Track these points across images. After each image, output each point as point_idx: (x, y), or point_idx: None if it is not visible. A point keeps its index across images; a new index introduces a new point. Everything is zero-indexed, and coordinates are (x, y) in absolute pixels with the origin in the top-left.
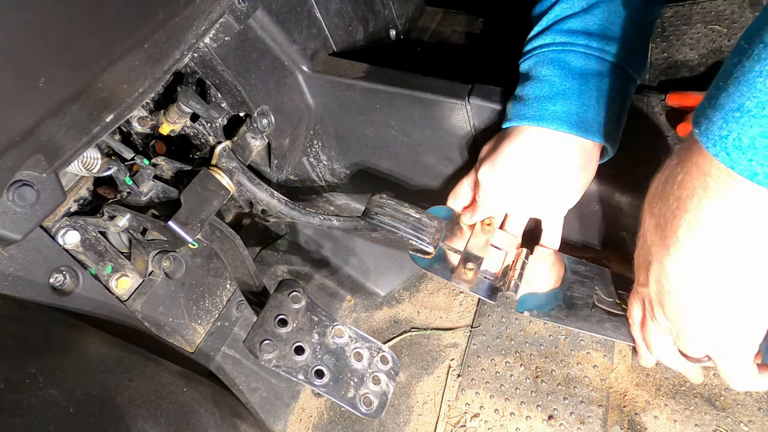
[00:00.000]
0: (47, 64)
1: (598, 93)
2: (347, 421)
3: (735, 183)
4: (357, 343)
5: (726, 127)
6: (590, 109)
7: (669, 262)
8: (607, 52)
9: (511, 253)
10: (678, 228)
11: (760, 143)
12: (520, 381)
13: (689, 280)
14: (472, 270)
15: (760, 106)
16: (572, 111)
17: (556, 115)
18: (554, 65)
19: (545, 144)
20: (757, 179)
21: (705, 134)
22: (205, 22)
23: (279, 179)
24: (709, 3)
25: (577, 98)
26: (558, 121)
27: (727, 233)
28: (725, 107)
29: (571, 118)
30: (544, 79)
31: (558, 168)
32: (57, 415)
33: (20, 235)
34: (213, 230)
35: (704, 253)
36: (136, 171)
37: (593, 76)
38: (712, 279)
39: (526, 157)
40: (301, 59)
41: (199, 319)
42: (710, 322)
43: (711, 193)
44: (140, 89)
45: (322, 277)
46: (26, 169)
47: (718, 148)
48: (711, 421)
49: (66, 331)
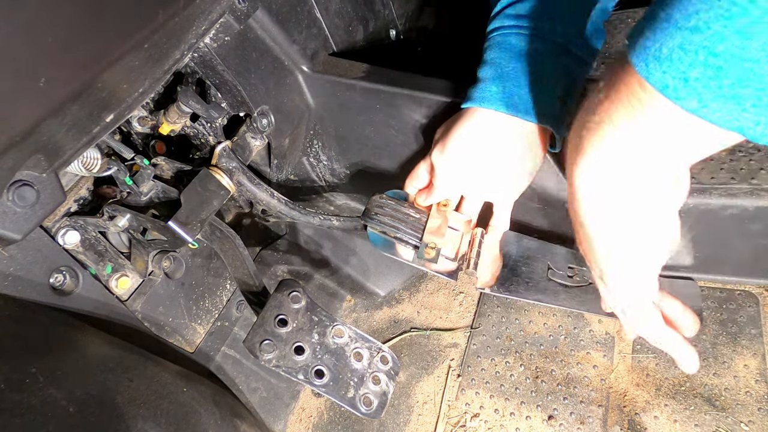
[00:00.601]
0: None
1: (542, 74)
2: (347, 421)
3: (651, 99)
4: (357, 343)
5: (652, 38)
6: (532, 90)
7: (576, 176)
8: (554, 33)
9: (467, 233)
10: (590, 140)
11: (676, 55)
12: (520, 381)
13: (590, 193)
14: (433, 249)
15: (686, 18)
16: (513, 92)
17: (498, 96)
18: (500, 48)
19: (489, 126)
20: (667, 92)
21: (632, 46)
22: (205, 22)
23: (279, 179)
24: None
25: (518, 80)
26: (498, 103)
27: (632, 149)
28: (656, 18)
29: (512, 99)
30: (491, 62)
31: (501, 150)
32: (57, 415)
33: (20, 235)
34: (213, 230)
35: (607, 165)
36: (136, 171)
37: (537, 57)
38: (609, 196)
39: (472, 139)
40: (301, 59)
41: (199, 319)
42: (608, 242)
43: (628, 107)
44: (140, 89)
45: (322, 277)
46: (26, 169)
47: (640, 59)
48: (711, 421)
49: (66, 331)
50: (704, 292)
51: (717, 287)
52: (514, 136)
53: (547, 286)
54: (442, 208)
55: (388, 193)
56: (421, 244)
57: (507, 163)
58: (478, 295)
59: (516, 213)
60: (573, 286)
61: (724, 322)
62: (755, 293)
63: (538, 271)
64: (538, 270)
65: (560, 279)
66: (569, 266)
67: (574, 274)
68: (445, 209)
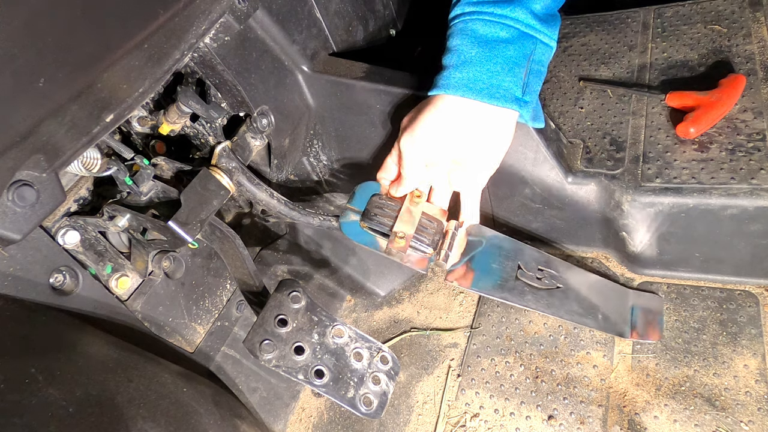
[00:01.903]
0: (47, 64)
1: (504, 59)
2: (347, 421)
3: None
4: (357, 343)
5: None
6: (495, 75)
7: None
8: (513, 19)
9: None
10: None
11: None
12: (520, 381)
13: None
14: (402, 239)
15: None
16: (476, 78)
17: (462, 82)
18: (462, 35)
19: (454, 111)
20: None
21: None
22: (205, 22)
23: (279, 179)
24: (709, 3)
25: (481, 65)
26: (463, 88)
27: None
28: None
29: (476, 84)
30: (454, 49)
31: (467, 134)
32: (57, 415)
33: (20, 235)
34: (213, 230)
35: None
36: (136, 171)
37: (498, 42)
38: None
39: (438, 124)
40: (301, 59)
41: (199, 319)
42: None
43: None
44: (140, 89)
45: (322, 277)
46: (26, 169)
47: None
48: (711, 421)
49: (66, 331)
50: (704, 292)
51: (717, 287)
52: (479, 121)
53: (514, 286)
54: (415, 198)
55: (362, 185)
56: (391, 233)
57: (473, 146)
58: (478, 295)
59: (516, 213)
60: (540, 288)
61: (724, 322)
62: (755, 293)
63: (508, 269)
64: (508, 269)
65: (528, 280)
66: (539, 268)
67: (543, 277)
68: (418, 200)
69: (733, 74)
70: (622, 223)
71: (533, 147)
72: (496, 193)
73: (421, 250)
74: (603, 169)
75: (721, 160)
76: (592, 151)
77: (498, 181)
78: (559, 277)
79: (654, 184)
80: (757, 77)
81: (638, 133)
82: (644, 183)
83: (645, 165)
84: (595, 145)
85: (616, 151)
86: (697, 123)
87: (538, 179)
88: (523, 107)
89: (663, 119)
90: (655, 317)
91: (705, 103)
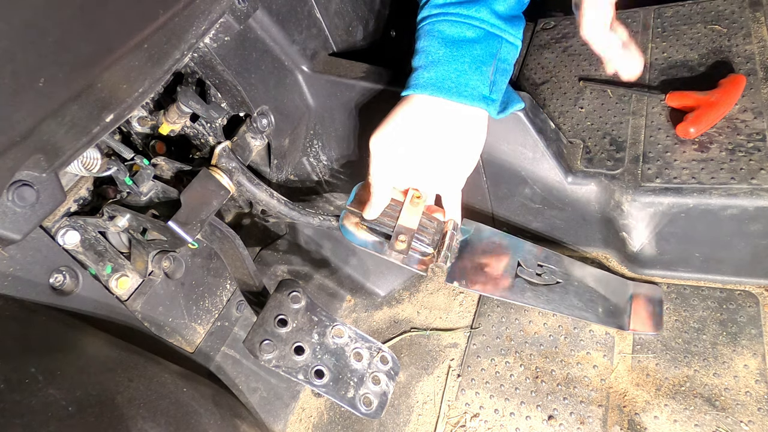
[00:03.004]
0: (47, 64)
1: (471, 58)
2: (347, 421)
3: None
4: (357, 343)
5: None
6: (462, 74)
7: None
8: (478, 19)
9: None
10: None
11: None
12: (520, 381)
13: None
14: (404, 242)
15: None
16: (444, 76)
17: (430, 81)
18: (430, 36)
19: (424, 110)
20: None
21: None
22: (205, 22)
23: (279, 179)
24: (709, 3)
25: (449, 64)
26: (431, 87)
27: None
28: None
29: (444, 83)
30: (422, 50)
31: (438, 133)
32: (57, 415)
33: (20, 235)
34: (213, 230)
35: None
36: (136, 171)
37: (465, 42)
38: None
39: (408, 124)
40: (301, 59)
41: (198, 319)
42: None
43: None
44: (140, 89)
45: (322, 277)
46: (26, 169)
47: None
48: (711, 421)
49: (66, 331)
50: (704, 292)
51: (717, 287)
52: (449, 120)
53: (514, 283)
54: (415, 200)
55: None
56: (393, 235)
57: (443, 145)
58: (478, 295)
59: (516, 213)
60: (540, 285)
61: (724, 322)
62: (755, 293)
63: (507, 267)
64: (507, 266)
65: (528, 276)
66: (538, 263)
67: (543, 272)
68: (419, 201)
69: (733, 74)
70: (622, 223)
71: (533, 147)
72: (496, 193)
73: (422, 250)
74: (603, 169)
75: (721, 160)
76: (592, 151)
77: (498, 181)
78: (558, 271)
79: (654, 184)
80: (757, 77)
81: (638, 133)
82: (644, 183)
83: (645, 165)
84: (595, 145)
85: (616, 151)
86: (697, 123)
87: (538, 179)
88: (490, 105)
89: (663, 119)
90: (655, 308)
91: (705, 103)
